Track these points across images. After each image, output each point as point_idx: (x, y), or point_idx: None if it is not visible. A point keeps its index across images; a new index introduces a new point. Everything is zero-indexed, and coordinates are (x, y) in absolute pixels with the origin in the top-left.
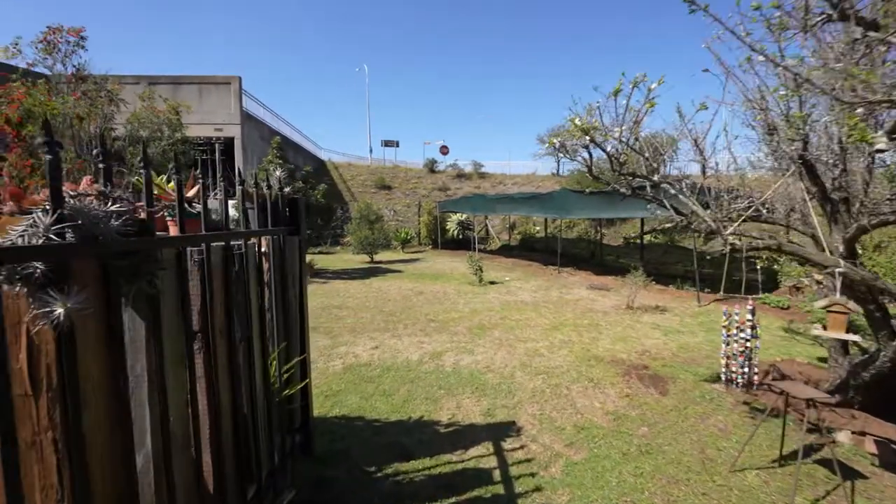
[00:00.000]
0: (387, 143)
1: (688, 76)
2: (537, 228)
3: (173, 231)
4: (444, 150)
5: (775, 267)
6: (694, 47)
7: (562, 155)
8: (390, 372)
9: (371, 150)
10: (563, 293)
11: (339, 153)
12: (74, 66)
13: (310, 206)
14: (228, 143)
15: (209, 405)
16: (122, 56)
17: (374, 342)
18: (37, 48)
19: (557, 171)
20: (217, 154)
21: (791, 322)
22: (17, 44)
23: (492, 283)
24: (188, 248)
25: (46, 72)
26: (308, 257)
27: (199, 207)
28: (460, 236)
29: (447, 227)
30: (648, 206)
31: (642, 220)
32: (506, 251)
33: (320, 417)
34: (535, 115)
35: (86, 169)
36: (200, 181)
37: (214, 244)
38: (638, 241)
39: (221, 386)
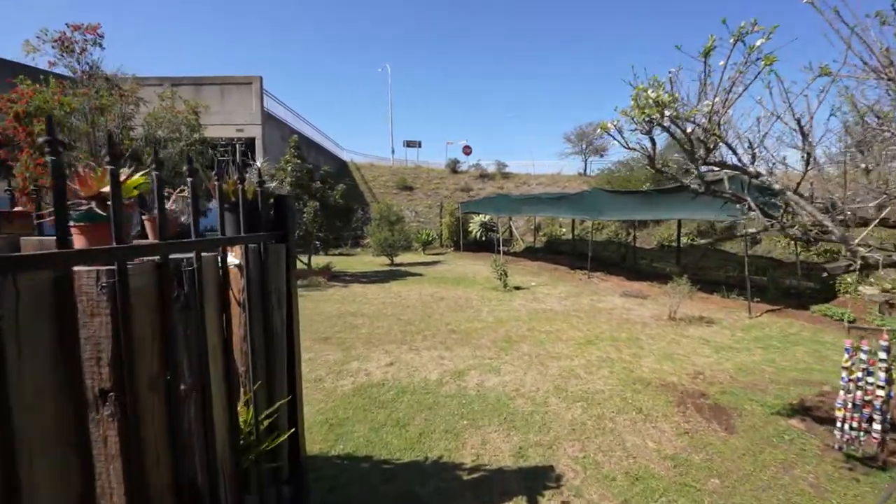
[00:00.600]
0: (409, 144)
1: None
2: (563, 230)
3: (155, 235)
4: (467, 151)
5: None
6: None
7: (617, 143)
8: (406, 395)
9: (393, 151)
10: (595, 301)
11: (361, 154)
12: (88, 64)
13: (328, 207)
14: (249, 144)
15: (129, 492)
16: (143, 57)
17: (390, 357)
18: (53, 47)
19: (584, 170)
20: (237, 154)
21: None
22: (43, 34)
23: (517, 288)
24: (87, 270)
25: (67, 72)
26: (326, 259)
27: (159, 207)
28: (483, 238)
29: (469, 229)
30: (739, 206)
31: (679, 221)
32: (530, 254)
33: (321, 456)
34: (557, 116)
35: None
36: (110, 168)
37: (140, 262)
38: (673, 243)
39: (152, 461)
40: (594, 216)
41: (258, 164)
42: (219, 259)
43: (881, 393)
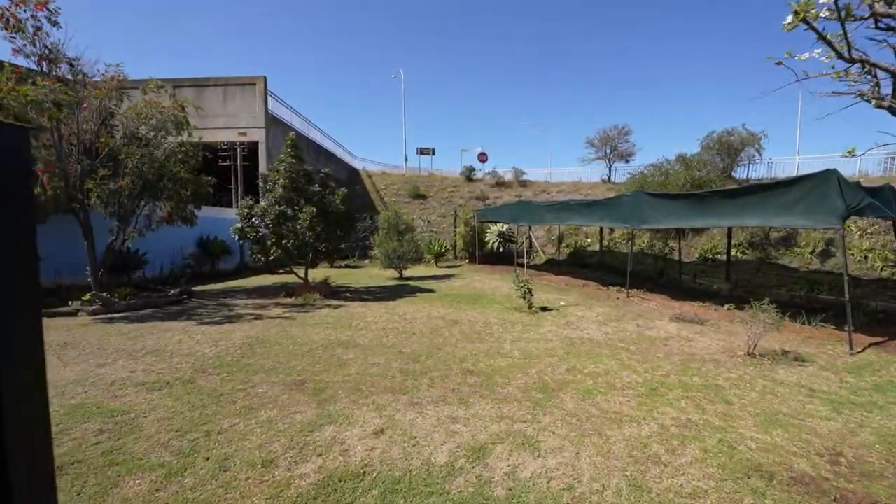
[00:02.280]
0: (422, 151)
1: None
2: (588, 241)
3: None
4: (483, 158)
5: None
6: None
7: (823, 53)
8: (397, 498)
9: (406, 159)
10: (643, 328)
11: (374, 162)
12: (46, 48)
13: (328, 214)
14: (253, 148)
15: None
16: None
17: (381, 417)
18: None
19: (609, 176)
20: (239, 159)
21: None
22: None
23: (544, 309)
24: None
25: (27, 60)
26: (326, 272)
27: None
28: (500, 249)
29: (486, 239)
30: None
31: (729, 230)
32: (553, 267)
33: None
34: (577, 123)
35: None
36: None
37: None
38: (718, 255)
39: None
40: (635, 224)
41: None
42: None
43: None
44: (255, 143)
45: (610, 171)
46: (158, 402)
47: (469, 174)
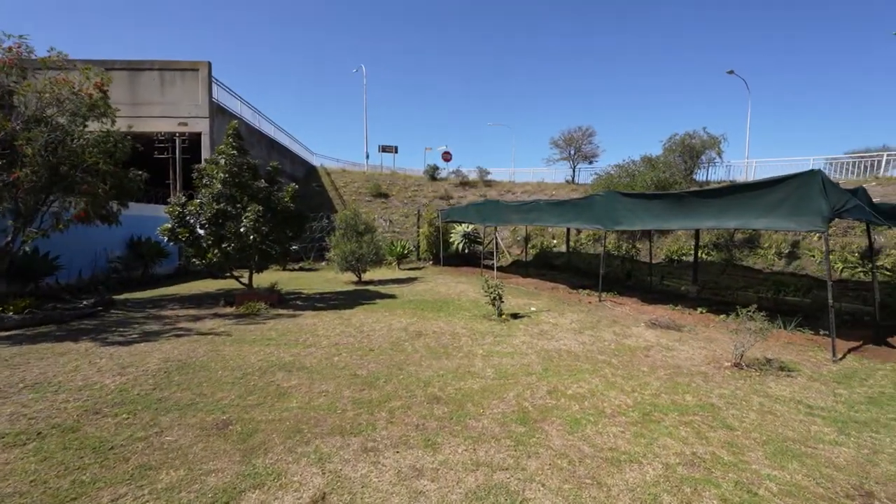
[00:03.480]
0: (384, 149)
1: (694, 78)
2: (555, 241)
3: None
4: (447, 157)
5: None
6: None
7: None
8: None
9: (367, 156)
10: (620, 336)
11: (333, 159)
12: None
13: (276, 212)
14: (194, 140)
15: None
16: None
17: (324, 474)
18: None
19: (573, 178)
20: (178, 151)
21: None
22: None
23: (514, 316)
24: None
25: None
26: (277, 276)
27: None
28: (465, 250)
29: (451, 240)
30: None
31: (697, 232)
32: (520, 269)
33: None
34: (541, 126)
35: None
36: None
37: None
38: (684, 257)
39: None
40: (608, 226)
41: None
42: None
43: None
44: (198, 135)
45: (574, 171)
46: (15, 466)
47: (433, 173)
